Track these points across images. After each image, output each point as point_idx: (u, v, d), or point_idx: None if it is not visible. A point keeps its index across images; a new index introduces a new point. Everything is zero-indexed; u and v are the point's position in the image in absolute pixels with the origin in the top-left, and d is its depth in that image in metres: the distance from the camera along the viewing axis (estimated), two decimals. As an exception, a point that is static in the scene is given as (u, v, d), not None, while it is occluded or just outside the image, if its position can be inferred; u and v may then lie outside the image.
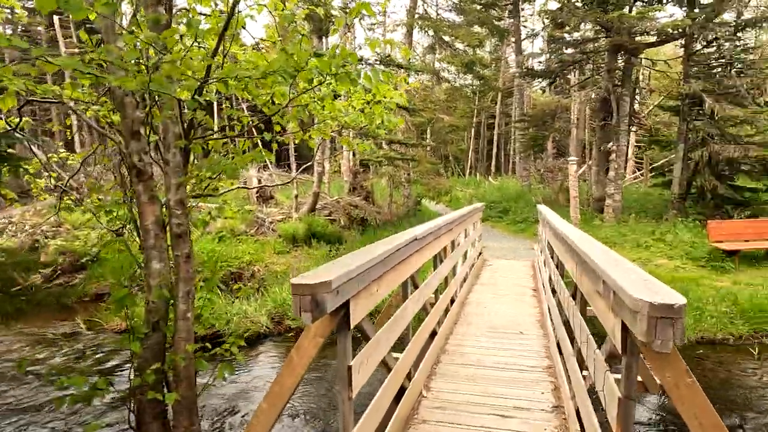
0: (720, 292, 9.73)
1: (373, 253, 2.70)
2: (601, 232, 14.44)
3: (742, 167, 16.35)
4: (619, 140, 15.94)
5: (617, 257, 2.54)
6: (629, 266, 2.27)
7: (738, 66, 16.04)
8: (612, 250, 2.90)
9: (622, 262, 2.39)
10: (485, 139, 40.73)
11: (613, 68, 16.35)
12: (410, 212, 15.66)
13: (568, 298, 3.78)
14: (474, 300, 7.02)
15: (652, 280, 1.92)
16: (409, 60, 15.08)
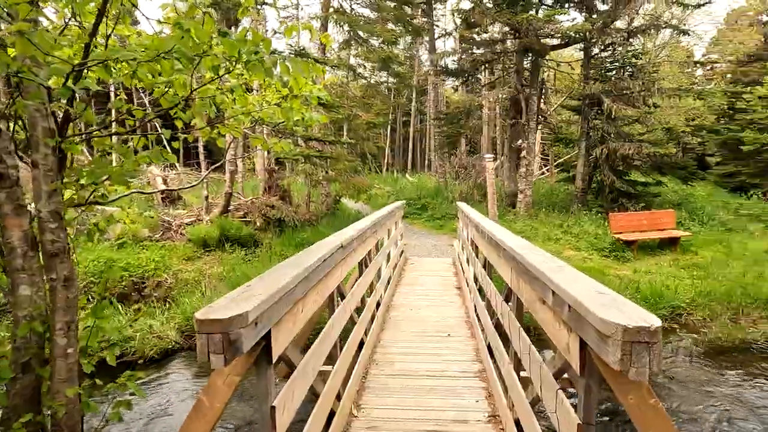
0: (623, 281, 10.39)
1: (297, 267, 2.34)
2: (515, 226, 14.97)
3: (635, 163, 17.73)
4: (528, 138, 16.63)
5: (560, 263, 2.39)
6: (575, 273, 2.11)
7: (630, 69, 17.38)
8: (548, 253, 2.77)
9: (567, 268, 2.23)
10: (401, 136, 41.21)
11: (522, 69, 17.02)
12: (330, 211, 15.27)
13: (500, 302, 3.66)
14: (399, 302, 6.84)
15: (610, 292, 1.76)
16: (325, 51, 14.67)
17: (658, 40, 24.06)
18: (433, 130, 26.04)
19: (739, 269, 11.12)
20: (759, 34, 28.91)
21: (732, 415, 6.09)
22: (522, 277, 2.75)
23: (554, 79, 20.99)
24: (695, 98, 25.84)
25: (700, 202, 18.38)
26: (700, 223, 15.60)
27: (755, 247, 13.30)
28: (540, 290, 2.29)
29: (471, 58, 17.74)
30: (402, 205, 10.17)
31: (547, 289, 2.13)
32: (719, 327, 8.57)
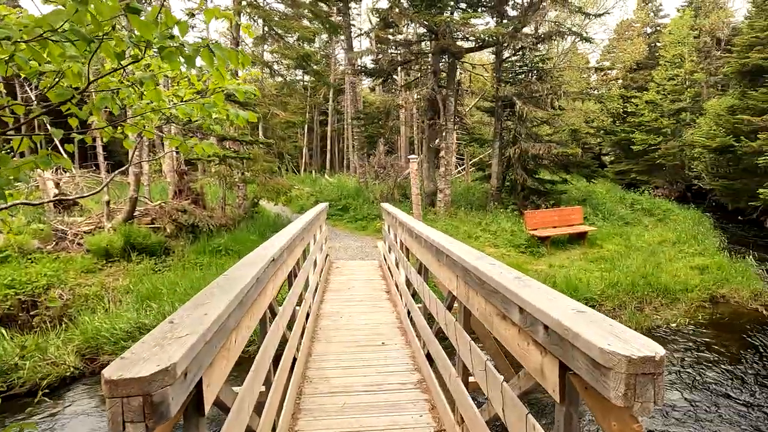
0: (540, 276, 10.83)
1: (228, 292, 2.00)
2: (437, 225, 15.17)
3: (544, 162, 18.71)
4: (447, 138, 16.95)
5: (517, 273, 2.25)
6: (542, 287, 1.97)
7: (537, 73, 18.32)
8: (499, 261, 2.64)
9: (529, 280, 2.09)
10: (318, 136, 40.64)
11: (439, 70, 17.31)
12: (247, 215, 14.53)
13: (443, 310, 3.50)
14: (328, 311, 6.53)
15: (587, 309, 1.62)
16: (238, 45, 13.88)
17: (562, 46, 25.67)
18: (352, 130, 25.86)
19: (639, 260, 12.02)
20: (645, 45, 31.82)
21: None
22: (474, 288, 2.59)
23: (469, 80, 21.65)
24: (595, 101, 27.96)
25: (601, 198, 19.78)
26: (603, 218, 16.77)
27: (650, 239, 14.52)
28: (500, 305, 2.13)
29: (388, 58, 17.77)
30: (326, 207, 9.84)
31: (511, 304, 1.97)
32: (627, 316, 9.16)
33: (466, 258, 2.72)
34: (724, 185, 22.11)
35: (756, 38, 20.47)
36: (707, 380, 7.12)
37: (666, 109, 27.20)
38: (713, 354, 7.95)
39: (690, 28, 28.11)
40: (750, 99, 19.66)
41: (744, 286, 10.54)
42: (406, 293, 5.73)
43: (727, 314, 9.59)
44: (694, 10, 29.93)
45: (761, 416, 6.20)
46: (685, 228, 15.92)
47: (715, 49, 29.80)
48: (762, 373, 7.41)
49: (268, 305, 3.13)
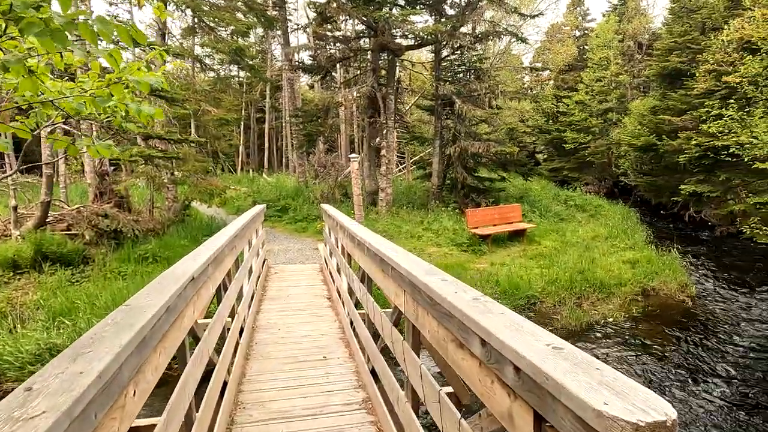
0: (483, 274, 10.84)
1: (124, 333, 1.58)
2: (378, 225, 14.93)
3: (483, 161, 18.96)
4: (387, 137, 16.75)
5: (475, 293, 1.98)
6: (506, 312, 1.70)
7: (476, 73, 18.51)
8: (450, 275, 2.37)
9: (491, 303, 1.82)
10: (256, 134, 39.38)
11: (379, 67, 17.07)
12: (178, 218, 13.62)
13: (390, 327, 3.20)
14: (264, 322, 6.07)
15: (565, 344, 1.36)
16: (165, 37, 12.98)
17: (499, 47, 26.21)
18: (291, 127, 25.14)
19: (575, 256, 12.33)
20: (575, 47, 33.19)
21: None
22: (424, 306, 2.31)
23: (409, 79, 21.57)
24: (531, 101, 28.80)
25: (537, 195, 20.34)
26: (539, 215, 17.19)
27: (584, 235, 15.00)
28: (456, 331, 1.85)
29: (327, 54, 17.31)
30: (263, 209, 9.31)
31: (470, 333, 1.69)
32: (568, 312, 9.30)
33: (414, 272, 2.42)
34: (648, 182, 23.40)
35: (674, 43, 21.76)
36: (645, 373, 7.30)
37: (594, 109, 28.46)
38: (648, 347, 8.20)
39: (615, 33, 29.57)
40: (670, 100, 20.87)
41: (671, 279, 11.04)
42: (349, 302, 5.40)
43: (658, 306, 9.98)
44: (619, 16, 31.53)
45: (693, 402, 6.40)
46: (615, 223, 16.61)
47: (637, 52, 31.52)
48: (691, 362, 7.70)
49: (188, 331, 2.70)
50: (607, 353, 7.91)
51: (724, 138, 11.39)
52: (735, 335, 8.69)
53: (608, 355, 7.88)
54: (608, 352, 7.95)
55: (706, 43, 18.74)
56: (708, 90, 17.32)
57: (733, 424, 6.00)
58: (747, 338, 8.55)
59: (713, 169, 17.58)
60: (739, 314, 9.70)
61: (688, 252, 13.93)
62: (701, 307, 10.09)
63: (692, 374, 7.27)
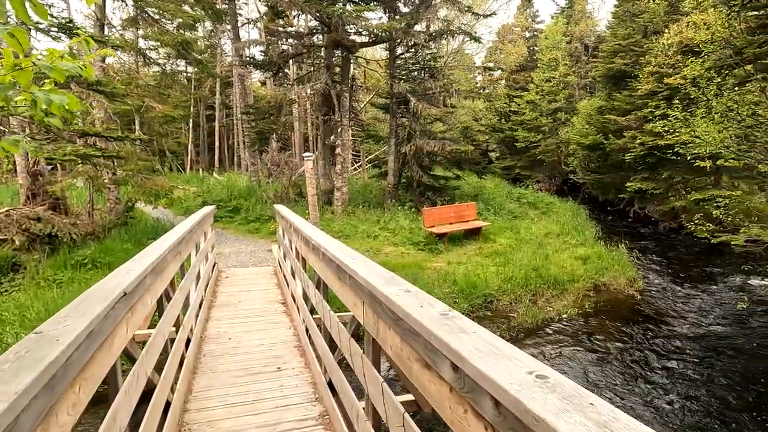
0: (441, 274, 10.80)
1: (25, 374, 1.30)
2: (334, 225, 14.67)
3: (438, 159, 19.03)
4: (342, 135, 16.48)
5: (442, 307, 1.81)
6: (480, 331, 1.54)
7: (430, 71, 18.53)
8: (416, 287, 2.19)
9: (465, 321, 1.65)
10: (205, 132, 38.10)
11: (333, 64, 16.77)
12: (120, 220, 12.85)
13: (347, 338, 2.99)
14: (214, 332, 5.72)
15: (552, 373, 1.20)
16: (104, 29, 12.18)
17: (452, 46, 26.41)
18: (242, 125, 24.42)
19: (529, 253, 12.51)
20: (525, 48, 33.96)
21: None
22: (386, 321, 2.12)
23: (364, 76, 21.36)
24: (484, 100, 29.22)
25: (491, 193, 20.61)
26: (494, 213, 17.40)
27: (537, 232, 15.27)
28: (422, 351, 1.67)
29: (279, 50, 16.85)
30: (212, 210, 8.86)
31: (438, 355, 1.51)
32: (524, 310, 9.37)
33: (374, 282, 2.23)
34: (595, 179, 24.22)
35: (619, 45, 22.58)
36: (598, 369, 7.42)
37: (544, 108, 29.21)
38: (601, 342, 8.36)
39: (563, 35, 30.45)
40: (615, 101, 21.64)
41: (620, 274, 11.38)
42: (304, 308, 5.14)
43: (609, 301, 10.24)
44: (566, 18, 32.50)
45: (642, 391, 6.54)
46: (566, 220, 17.03)
47: (584, 54, 32.58)
48: (641, 356, 7.90)
49: (120, 353, 2.40)
50: (561, 351, 8.00)
51: (668, 137, 11.87)
52: (680, 328, 9.01)
53: (562, 352, 7.97)
54: (563, 349, 8.05)
55: (648, 46, 19.53)
56: (651, 91, 18.04)
57: (681, 417, 6.16)
58: (692, 331, 8.88)
59: (656, 167, 18.35)
60: (683, 307, 10.08)
61: (634, 247, 14.41)
62: (649, 300, 10.43)
63: (642, 369, 7.45)
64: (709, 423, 5.98)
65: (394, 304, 1.89)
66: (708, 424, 5.97)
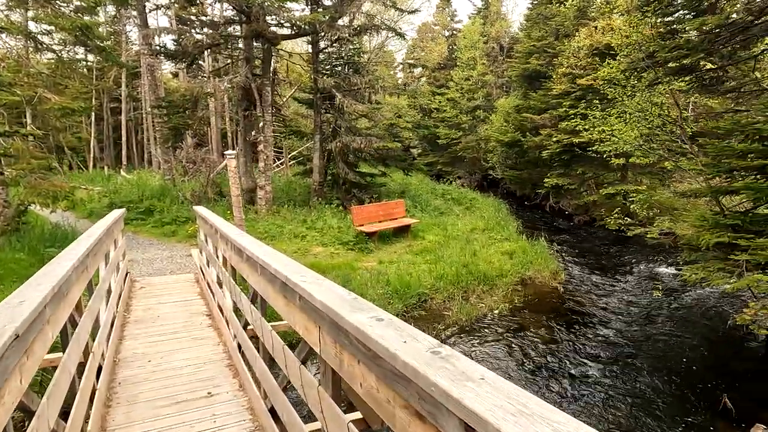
0: (373, 274, 10.58)
1: None
2: (259, 226, 13.99)
3: (364, 156, 18.80)
4: (264, 131, 15.75)
5: (432, 342, 1.54)
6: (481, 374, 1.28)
7: (354, 66, 18.23)
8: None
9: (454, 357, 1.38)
10: (110, 126, 35.14)
11: (253, 57, 15.95)
12: (11, 226, 11.31)
13: (296, 366, 2.63)
14: (130, 353, 5.07)
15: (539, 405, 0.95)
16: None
17: (376, 41, 26.26)
18: (153, 119, 22.71)
19: (458, 249, 12.65)
20: (446, 46, 34.64)
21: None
22: (353, 354, 1.81)
23: (286, 70, 20.59)
24: (408, 97, 29.40)
25: (417, 190, 20.77)
26: (421, 210, 17.50)
27: (463, 228, 15.53)
28: (413, 398, 1.39)
29: (193, 40, 15.72)
30: (122, 214, 7.97)
31: (440, 409, 1.24)
32: (457, 307, 9.39)
33: (337, 308, 1.90)
34: (514, 175, 25.23)
35: (533, 47, 23.61)
36: (530, 363, 7.56)
37: (464, 106, 29.98)
38: (531, 335, 8.56)
39: (480, 35, 31.40)
40: (531, 100, 22.62)
41: (544, 267, 11.81)
42: (235, 323, 4.67)
43: (536, 295, 10.57)
44: (483, 19, 33.55)
45: (569, 381, 6.74)
46: (489, 215, 17.51)
47: (500, 54, 33.82)
48: (568, 347, 8.18)
49: (13, 409, 1.89)
50: (498, 347, 8.08)
51: (582, 135, 12.54)
52: (603, 318, 9.47)
53: (496, 349, 8.06)
54: (499, 346, 8.13)
55: (561, 48, 20.56)
56: (564, 91, 19.01)
57: (605, 404, 6.40)
58: (611, 319, 9.35)
59: (571, 163, 19.39)
60: (603, 297, 10.63)
61: (554, 240, 15.10)
62: (571, 292, 10.90)
63: (570, 360, 7.70)
64: (633, 409, 6.26)
65: (371, 340, 1.59)
66: (632, 410, 6.24)
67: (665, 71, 8.92)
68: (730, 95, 10.20)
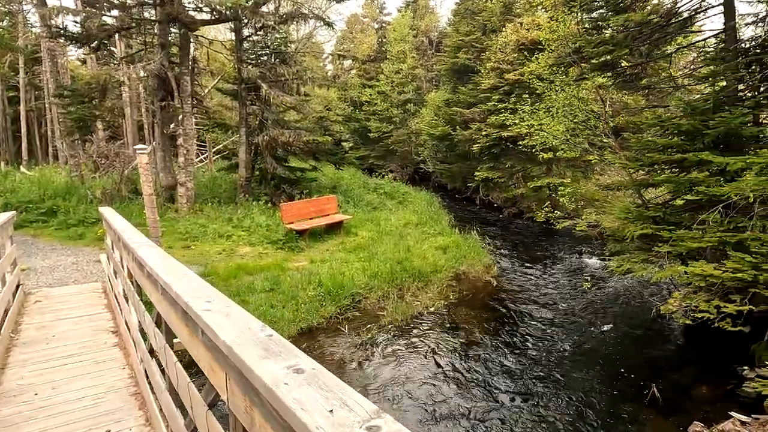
0: (304, 274, 10.08)
1: None
2: (179, 226, 13.04)
3: (293, 150, 18.09)
4: (184, 123, 14.67)
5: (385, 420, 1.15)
6: None
7: (281, 56, 17.44)
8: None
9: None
10: (9, 117, 31.72)
11: (169, 43, 14.77)
12: None
13: (203, 411, 2.16)
14: (13, 385, 4.29)
15: None
16: None
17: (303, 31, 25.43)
18: (57, 110, 20.63)
19: (391, 245, 12.41)
20: (375, 39, 34.32)
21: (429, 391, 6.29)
22: (262, 413, 1.39)
23: (207, 59, 19.36)
24: (339, 89, 28.80)
25: (349, 184, 20.35)
26: (353, 205, 17.12)
27: (397, 223, 15.34)
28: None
29: (98, 21, 14.28)
30: (11, 218, 6.92)
31: None
32: (392, 307, 9.11)
33: (245, 356, 1.47)
34: (445, 168, 25.47)
35: (461, 41, 23.84)
36: (467, 360, 7.43)
37: (395, 99, 29.87)
38: (468, 332, 8.46)
39: (409, 28, 31.37)
40: (461, 94, 22.84)
41: (477, 261, 11.84)
42: (142, 345, 4.06)
43: (470, 290, 10.53)
44: (412, 12, 33.54)
45: (503, 379, 6.68)
46: (422, 209, 17.46)
47: (429, 48, 34.01)
48: (504, 341, 8.16)
49: None
50: (435, 346, 7.89)
51: (511, 129, 12.71)
52: (532, 310, 9.57)
53: (432, 347, 7.87)
54: (436, 345, 7.94)
55: (488, 43, 20.86)
56: (493, 86, 19.29)
57: (539, 401, 6.38)
58: (542, 312, 9.48)
59: (500, 157, 19.76)
60: (532, 289, 10.80)
61: (485, 233, 15.25)
62: (505, 286, 10.98)
63: (503, 356, 7.66)
64: (566, 404, 6.27)
65: (285, 408, 1.18)
66: (565, 405, 6.25)
67: (590, 67, 9.11)
68: (647, 92, 10.65)
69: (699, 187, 6.67)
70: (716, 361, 6.87)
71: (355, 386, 6.52)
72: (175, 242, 12.03)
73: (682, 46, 8.99)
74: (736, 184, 5.89)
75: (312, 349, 7.61)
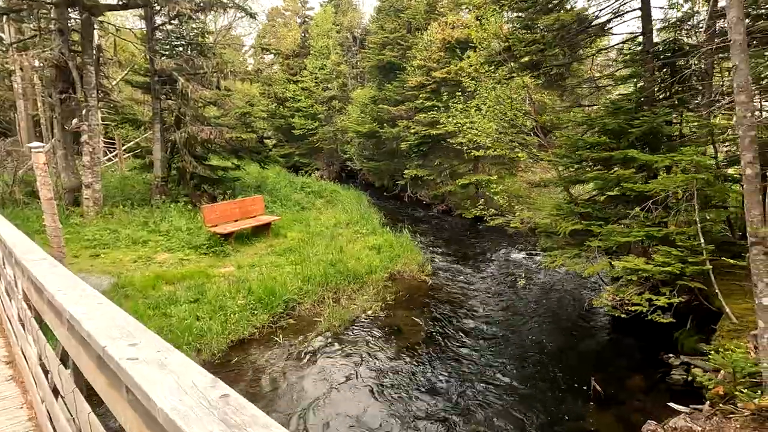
0: (232, 281, 9.43)
1: None
2: (86, 232, 11.81)
3: (214, 147, 17.07)
4: (89, 118, 13.27)
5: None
6: None
7: (198, 48, 16.36)
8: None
9: None
10: None
11: (68, 28, 13.29)
12: None
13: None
14: None
15: None
16: None
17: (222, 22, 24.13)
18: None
19: (323, 247, 12.00)
20: (299, 33, 33.44)
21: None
22: None
23: (114, 48, 17.71)
24: (262, 85, 27.66)
25: (275, 183, 19.58)
26: (281, 205, 16.45)
27: (327, 223, 14.92)
28: None
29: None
30: None
31: None
32: (328, 312, 8.72)
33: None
34: (372, 166, 25.31)
35: (387, 38, 23.75)
36: (407, 365, 7.24)
37: (319, 96, 29.28)
38: (407, 335, 8.26)
39: (333, 24, 30.86)
40: (387, 91, 22.75)
41: (411, 260, 11.73)
42: (44, 383, 3.39)
43: (406, 290, 10.36)
44: (335, 8, 33.02)
45: (442, 380, 6.57)
46: (352, 208, 17.13)
47: (353, 45, 33.68)
48: (439, 341, 8.06)
49: None
50: (373, 353, 7.61)
51: (438, 127, 12.76)
52: (468, 308, 9.58)
53: (377, 354, 7.59)
54: (375, 351, 7.67)
55: (413, 41, 20.91)
56: (420, 83, 19.34)
57: (479, 402, 6.33)
58: (478, 309, 9.51)
59: (428, 154, 19.89)
60: (467, 287, 10.83)
61: (416, 231, 15.23)
62: (439, 284, 10.93)
63: (442, 357, 7.56)
64: (507, 403, 6.25)
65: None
66: (506, 404, 6.23)
67: (518, 66, 9.26)
68: (567, 91, 11.05)
69: (626, 184, 6.90)
70: (644, 350, 7.17)
71: (291, 405, 6.10)
72: (82, 251, 10.82)
73: (603, 48, 9.36)
74: (664, 180, 6.13)
75: (244, 364, 7.05)
